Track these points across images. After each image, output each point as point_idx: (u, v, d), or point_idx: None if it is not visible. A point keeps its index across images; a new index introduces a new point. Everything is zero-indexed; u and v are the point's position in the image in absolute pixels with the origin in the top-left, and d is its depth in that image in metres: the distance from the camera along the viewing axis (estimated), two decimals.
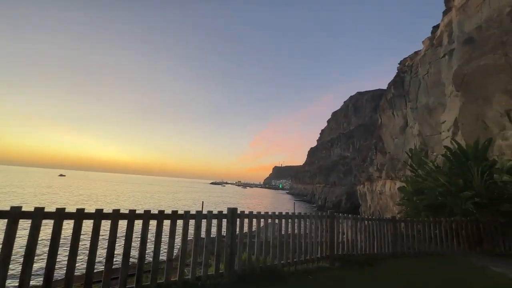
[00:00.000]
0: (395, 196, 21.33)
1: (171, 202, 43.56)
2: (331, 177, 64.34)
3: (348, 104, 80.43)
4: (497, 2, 13.44)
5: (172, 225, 3.48)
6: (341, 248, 5.62)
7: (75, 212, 2.85)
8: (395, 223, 6.53)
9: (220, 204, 45.22)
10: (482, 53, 13.47)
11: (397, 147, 23.33)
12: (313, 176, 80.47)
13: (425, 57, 19.47)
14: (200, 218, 3.76)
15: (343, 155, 68.44)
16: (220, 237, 3.91)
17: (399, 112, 22.95)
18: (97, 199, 39.10)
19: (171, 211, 3.55)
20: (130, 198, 45.02)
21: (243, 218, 4.25)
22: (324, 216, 5.54)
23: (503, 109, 11.86)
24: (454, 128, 14.92)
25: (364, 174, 31.91)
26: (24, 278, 2.48)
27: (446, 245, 6.74)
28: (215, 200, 55.53)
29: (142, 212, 3.29)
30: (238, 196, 78.21)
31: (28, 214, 2.59)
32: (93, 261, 2.87)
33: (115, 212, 3.10)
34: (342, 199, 51.26)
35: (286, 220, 4.89)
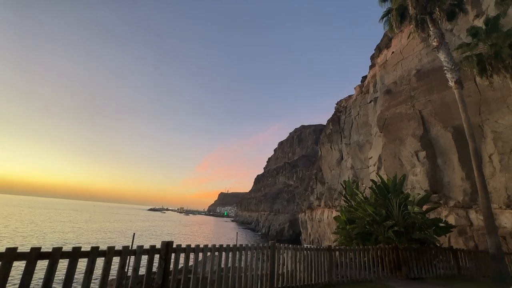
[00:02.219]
0: (332, 224, 22.84)
1: (96, 233, 37.51)
2: (276, 204, 65.80)
3: (293, 135, 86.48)
4: (406, 65, 16.89)
5: (89, 264, 2.92)
6: (281, 280, 5.55)
7: None
8: (331, 252, 6.85)
9: (157, 234, 40.97)
10: (397, 103, 16.43)
11: (334, 177, 25.60)
12: (258, 203, 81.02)
13: (356, 101, 22.73)
14: (126, 255, 3.28)
15: (288, 183, 71.53)
16: (150, 276, 3.45)
17: (336, 146, 25.61)
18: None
19: (91, 248, 3.00)
20: (40, 227, 37.16)
21: (179, 252, 3.88)
22: (265, 247, 5.48)
23: (413, 150, 14.35)
24: (378, 163, 17.26)
25: (306, 203, 33.61)
26: None
27: (373, 271, 7.33)
28: (152, 228, 50.22)
29: (50, 249, 2.69)
30: (179, 224, 72.53)
31: None
32: None
33: (8, 250, 2.45)
34: (285, 227, 52.30)
35: (226, 252, 4.66)
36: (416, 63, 16.02)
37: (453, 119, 12.98)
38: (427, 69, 15.20)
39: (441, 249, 8.64)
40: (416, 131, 14.52)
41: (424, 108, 14.71)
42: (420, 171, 13.73)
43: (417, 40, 15.89)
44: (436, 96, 14.28)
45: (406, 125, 15.23)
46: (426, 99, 14.76)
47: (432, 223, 8.76)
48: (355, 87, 24.36)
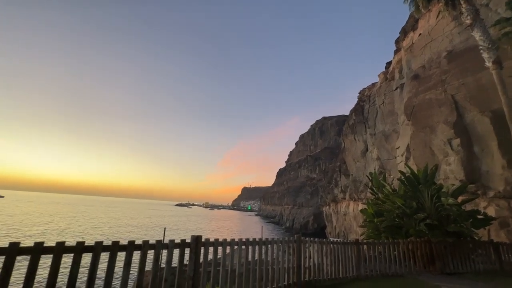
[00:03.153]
0: (358, 217, 22.28)
1: (129, 228, 39.98)
2: (299, 198, 65.42)
3: (315, 127, 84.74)
4: (436, 46, 15.73)
5: (127, 257, 3.14)
6: (308, 274, 5.57)
7: (7, 247, 2.44)
8: (358, 245, 6.72)
9: (185, 228, 42.72)
10: (426, 88, 15.42)
11: (359, 170, 24.82)
12: (281, 197, 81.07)
13: (381, 89, 21.67)
14: (159, 249, 3.48)
15: (310, 176, 70.62)
16: (182, 268, 3.63)
17: (360, 137, 24.74)
18: (38, 224, 34.38)
19: (128, 242, 3.23)
20: (80, 224, 40.38)
21: (208, 246, 4.03)
22: (291, 241, 5.51)
23: (446, 138, 13.45)
24: (406, 154, 16.41)
25: (330, 196, 33.03)
26: None
27: (404, 266, 7.08)
28: (180, 223, 52.42)
29: (93, 243, 2.94)
30: (205, 218, 74.94)
31: None
32: None
33: (58, 245, 2.71)
34: (309, 221, 51.95)
35: (253, 246, 4.75)
36: (447, 44, 14.87)
37: (491, 103, 11.93)
38: (459, 49, 14.05)
39: (480, 243, 8.09)
40: (449, 117, 13.56)
41: (457, 92, 13.66)
42: (454, 160, 12.86)
43: (447, 19, 14.71)
44: (471, 79, 13.18)
45: (437, 111, 14.27)
46: (459, 83, 13.68)
47: (469, 215, 8.22)
48: (379, 74, 23.22)
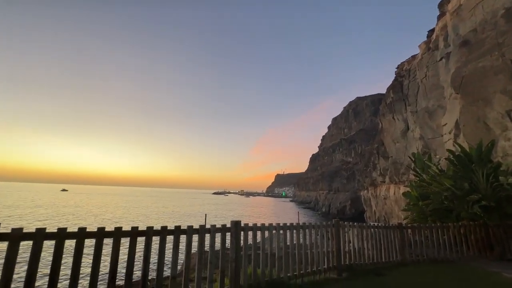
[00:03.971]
0: (400, 201, 21.09)
1: (173, 215, 43.17)
2: (335, 183, 63.86)
3: (348, 109, 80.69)
4: (490, 5, 13.64)
5: (175, 240, 3.43)
6: (348, 258, 5.50)
7: (76, 232, 2.81)
8: (402, 230, 6.40)
9: (224, 215, 44.78)
10: (479, 55, 13.58)
11: (399, 151, 23.23)
12: (316, 182, 79.94)
13: (422, 61, 19.64)
14: (203, 233, 3.71)
15: (345, 160, 68.17)
16: (224, 252, 3.84)
17: (399, 116, 22.96)
18: (97, 214, 38.83)
19: (174, 227, 3.50)
20: (130, 212, 44.67)
21: (247, 231, 4.18)
22: (329, 225, 5.46)
23: (504, 110, 11.84)
24: (455, 131, 14.87)
25: (368, 179, 31.66)
26: None
27: (456, 251, 6.59)
28: (218, 210, 55.03)
29: (145, 228, 3.25)
30: (242, 205, 77.53)
31: (29, 235, 2.56)
32: (95, 281, 2.81)
33: (117, 230, 3.06)
34: (346, 205, 50.68)
35: (290, 231, 4.81)
36: (504, 1, 12.75)
37: None
38: None
39: None
40: (508, 85, 11.82)
41: None
42: None
43: None
44: None
45: (493, 80, 12.50)
46: None
47: None
48: (419, 45, 20.96)
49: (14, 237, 2.47)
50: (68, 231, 2.78)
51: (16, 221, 26.78)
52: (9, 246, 2.44)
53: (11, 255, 2.43)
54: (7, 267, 2.40)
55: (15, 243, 2.47)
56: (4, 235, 2.45)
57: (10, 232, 2.47)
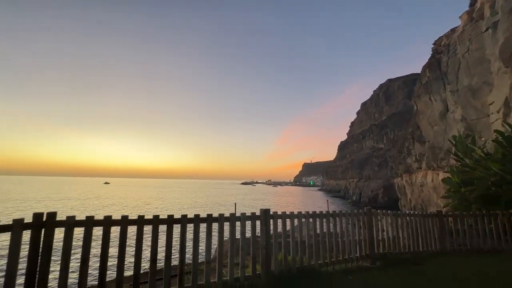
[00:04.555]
0: (439, 188, 19.73)
1: (204, 204, 45.07)
2: (365, 170, 61.47)
3: (379, 92, 76.13)
4: None
5: (208, 228, 3.60)
6: (382, 246, 5.33)
7: (120, 220, 3.08)
8: (441, 218, 6.02)
9: (252, 205, 45.70)
10: None
11: (438, 134, 21.52)
12: (345, 171, 77.63)
13: (464, 33, 17.69)
14: (234, 221, 3.83)
15: (377, 147, 65.03)
16: (254, 239, 3.94)
17: (437, 96, 21.14)
18: (137, 205, 41.89)
19: (206, 215, 3.66)
20: (165, 202, 47.51)
21: (276, 218, 4.23)
22: (360, 213, 5.31)
23: None
24: (504, 109, 13.36)
25: (402, 166, 29.97)
26: (82, 280, 2.75)
27: (505, 240, 6.05)
28: (247, 200, 56.27)
29: (179, 216, 3.45)
30: (270, 195, 78.35)
31: (81, 222, 2.86)
32: (139, 263, 3.07)
33: (155, 217, 3.29)
34: (378, 193, 48.72)
35: (320, 219, 4.77)
36: None
37: None
38: None
39: None
40: None
41: None
42: None
43: None
44: None
45: None
46: None
47: None
48: (460, 16, 18.82)
49: (69, 223, 2.80)
50: (113, 218, 3.06)
51: (69, 212, 30.02)
52: (65, 232, 2.77)
53: (67, 239, 2.76)
54: (65, 250, 2.73)
55: (70, 229, 2.79)
56: (61, 222, 2.77)
57: (66, 220, 2.79)
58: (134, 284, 3.03)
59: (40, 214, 2.68)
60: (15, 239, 2.50)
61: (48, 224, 2.69)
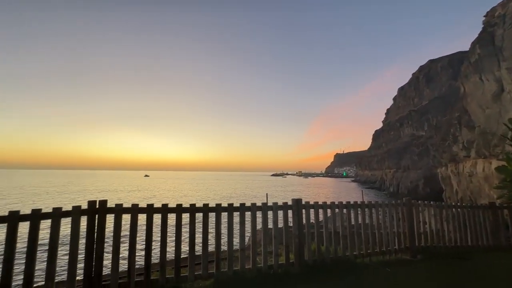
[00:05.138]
0: (492, 178, 17.79)
1: (236, 195, 46.31)
2: (403, 160, 57.55)
3: (418, 75, 69.90)
4: None
5: (241, 217, 3.71)
6: (424, 240, 5.01)
7: (161, 208, 3.32)
8: (495, 210, 5.45)
9: (283, 195, 45.80)
10: None
11: (490, 118, 19.21)
12: (381, 160, 73.53)
13: None
14: (266, 210, 3.89)
15: (416, 134, 60.28)
16: (287, 228, 3.97)
17: (490, 75, 18.76)
18: (175, 196, 44.55)
19: (239, 204, 3.77)
20: (200, 193, 49.77)
21: (308, 208, 4.20)
22: (399, 204, 5.03)
23: None
24: None
25: (446, 155, 27.44)
26: (131, 262, 3.05)
27: None
28: (278, 191, 56.50)
29: (214, 205, 3.60)
30: (301, 186, 77.66)
31: (128, 210, 3.16)
32: (179, 248, 3.30)
33: (191, 206, 3.49)
34: (419, 184, 45.46)
35: (355, 209, 4.62)
36: None
37: None
38: None
39: None
40: None
41: None
42: None
43: None
44: None
45: None
46: None
47: None
48: None
49: (118, 210, 3.11)
50: (155, 206, 3.31)
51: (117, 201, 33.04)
52: (115, 218, 3.09)
53: (117, 224, 3.08)
54: (115, 234, 3.05)
55: (118, 215, 3.11)
56: (111, 209, 3.08)
57: (115, 207, 3.10)
58: (176, 267, 3.27)
59: (94, 202, 3.00)
60: (75, 223, 2.85)
61: (100, 210, 3.01)
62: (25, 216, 2.65)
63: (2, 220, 2.56)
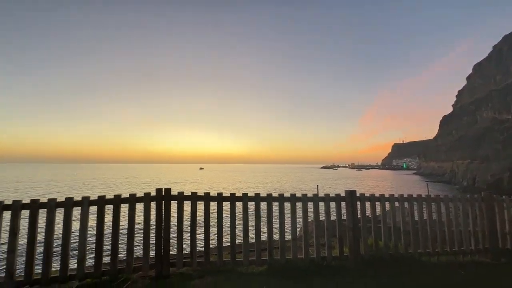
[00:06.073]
0: None
1: (286, 186, 46.45)
2: (481, 149, 49.11)
3: (501, 47, 58.12)
4: None
5: (292, 206, 3.73)
6: (510, 241, 4.25)
7: (216, 196, 3.58)
8: None
9: (335, 188, 44.11)
10: None
11: None
12: (450, 150, 64.18)
13: None
14: (317, 201, 3.83)
15: (499, 119, 50.61)
16: (340, 220, 3.84)
17: None
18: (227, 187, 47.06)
19: (290, 194, 3.79)
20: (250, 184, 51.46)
21: (364, 201, 3.97)
22: (476, 199, 4.36)
23: None
24: None
25: None
26: (193, 245, 3.38)
27: None
28: (328, 184, 54.62)
29: (265, 195, 3.70)
30: (354, 179, 73.37)
31: (188, 197, 3.51)
32: (233, 235, 3.52)
33: (244, 195, 3.65)
34: (503, 178, 38.32)
35: (419, 203, 4.18)
36: None
37: None
38: None
39: None
40: None
41: None
42: None
43: None
44: None
45: None
46: None
47: None
48: None
49: (180, 197, 3.49)
50: (211, 195, 3.58)
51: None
52: (177, 204, 3.47)
53: (180, 210, 3.47)
54: (179, 218, 3.43)
55: (180, 202, 3.49)
56: (174, 196, 3.46)
57: (177, 194, 3.47)
58: (232, 251, 3.49)
59: (160, 190, 3.41)
60: (147, 207, 3.32)
61: (166, 197, 3.40)
62: (109, 200, 3.19)
63: (94, 203, 3.15)
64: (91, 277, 3.00)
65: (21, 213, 2.89)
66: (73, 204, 3.05)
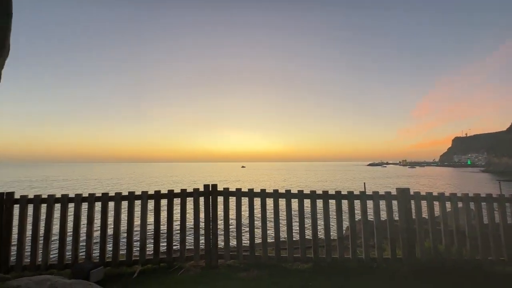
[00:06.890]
0: None
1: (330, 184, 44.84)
2: None
3: None
4: None
5: (337, 204, 3.61)
6: None
7: (260, 192, 3.66)
8: None
9: (385, 186, 41.01)
10: None
11: None
12: None
13: None
14: (365, 199, 3.63)
15: None
16: (392, 220, 3.58)
17: None
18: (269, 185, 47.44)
19: (335, 191, 3.67)
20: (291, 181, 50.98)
21: (419, 200, 3.62)
22: None
23: None
24: None
25: None
26: (238, 239, 3.53)
27: None
28: (376, 183, 50.99)
29: (309, 192, 3.65)
30: (406, 178, 66.91)
31: (233, 193, 3.66)
32: (278, 231, 3.56)
33: (287, 192, 3.67)
34: None
35: (488, 204, 3.65)
36: None
37: None
38: None
39: None
40: None
41: None
42: None
43: None
44: None
45: None
46: None
47: None
48: None
49: (226, 193, 3.70)
50: (255, 191, 3.68)
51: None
52: (224, 199, 3.67)
53: (226, 205, 3.67)
54: (225, 213, 3.63)
55: (226, 198, 3.70)
56: (220, 192, 3.67)
57: (223, 190, 3.66)
58: (276, 247, 3.54)
59: (208, 186, 3.63)
60: (196, 201, 3.60)
61: (213, 192, 3.61)
62: (164, 194, 3.53)
63: (151, 197, 3.54)
64: (151, 263, 3.36)
65: (95, 204, 3.39)
66: (135, 197, 3.46)
